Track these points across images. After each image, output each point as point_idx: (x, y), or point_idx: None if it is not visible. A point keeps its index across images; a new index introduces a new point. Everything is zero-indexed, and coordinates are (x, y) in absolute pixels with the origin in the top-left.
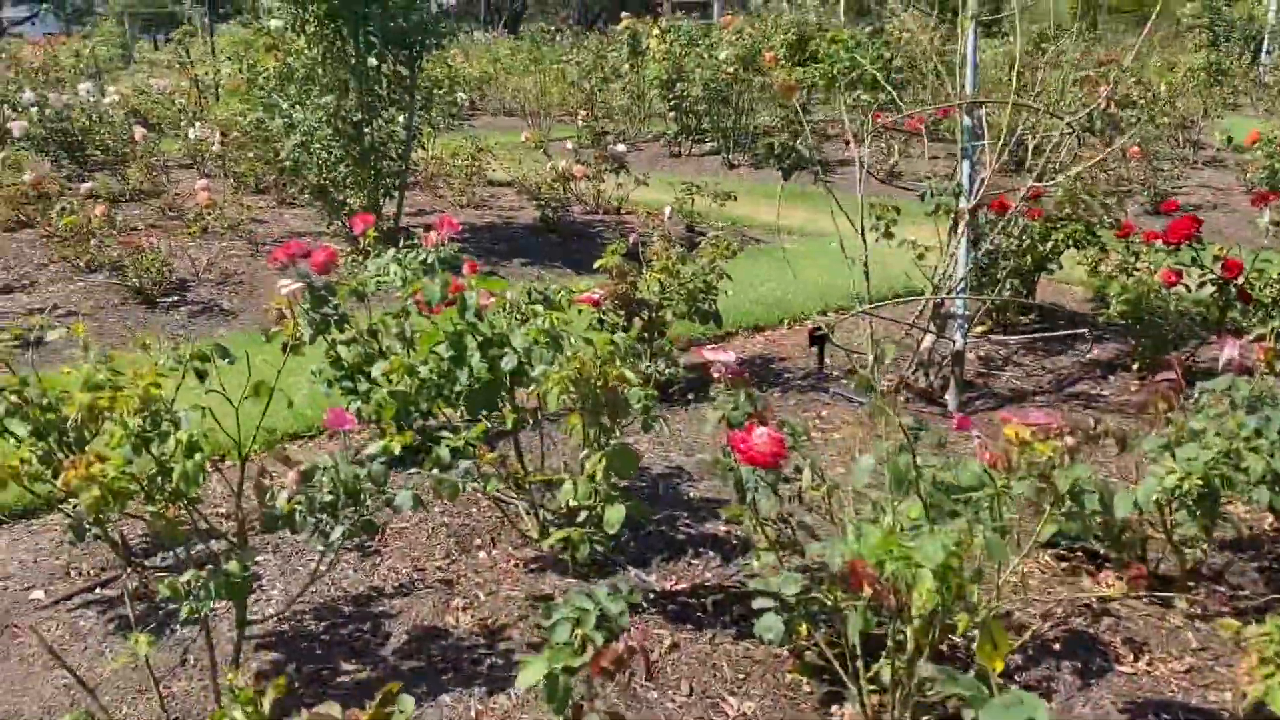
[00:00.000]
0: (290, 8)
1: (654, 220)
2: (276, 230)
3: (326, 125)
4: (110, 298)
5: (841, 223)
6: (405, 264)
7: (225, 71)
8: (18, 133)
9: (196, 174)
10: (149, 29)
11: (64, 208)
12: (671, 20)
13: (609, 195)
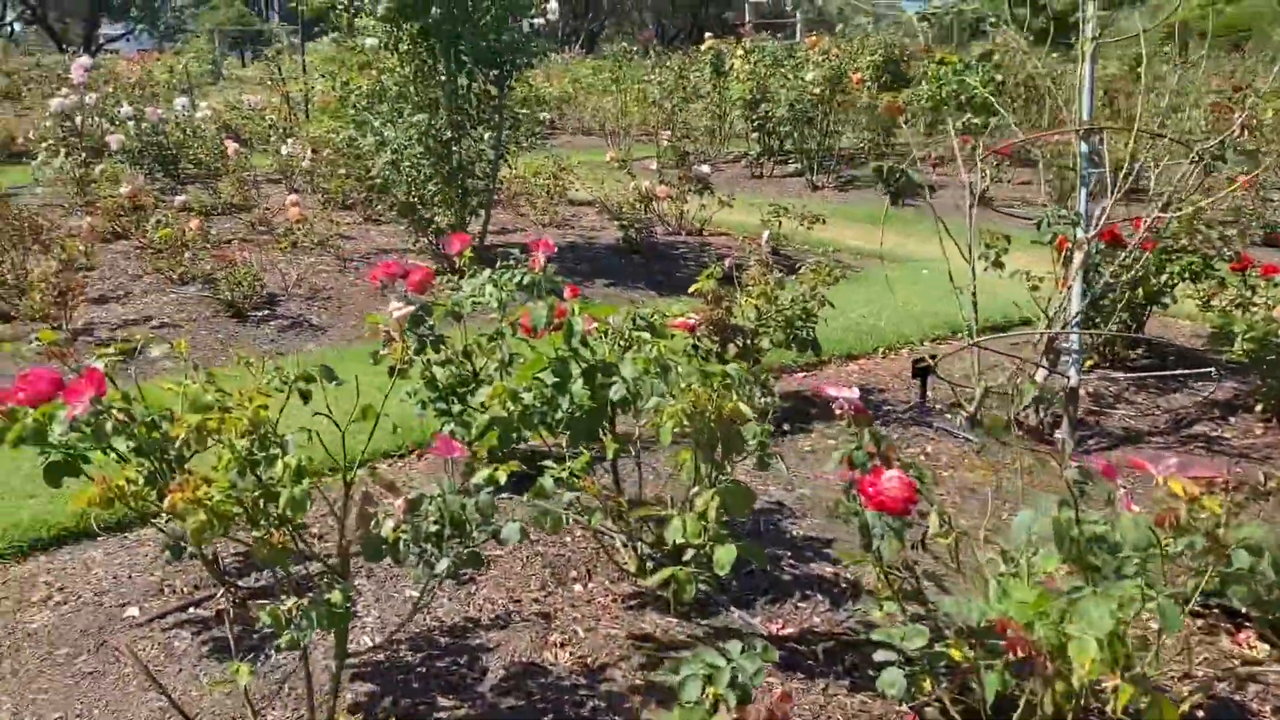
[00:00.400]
0: (385, 26)
1: (749, 244)
2: (363, 246)
3: (417, 144)
4: (202, 310)
5: (937, 249)
6: (501, 285)
7: (318, 88)
8: (115, 146)
9: (285, 189)
10: (237, 46)
11: (159, 220)
12: (756, 40)
13: (692, 216)
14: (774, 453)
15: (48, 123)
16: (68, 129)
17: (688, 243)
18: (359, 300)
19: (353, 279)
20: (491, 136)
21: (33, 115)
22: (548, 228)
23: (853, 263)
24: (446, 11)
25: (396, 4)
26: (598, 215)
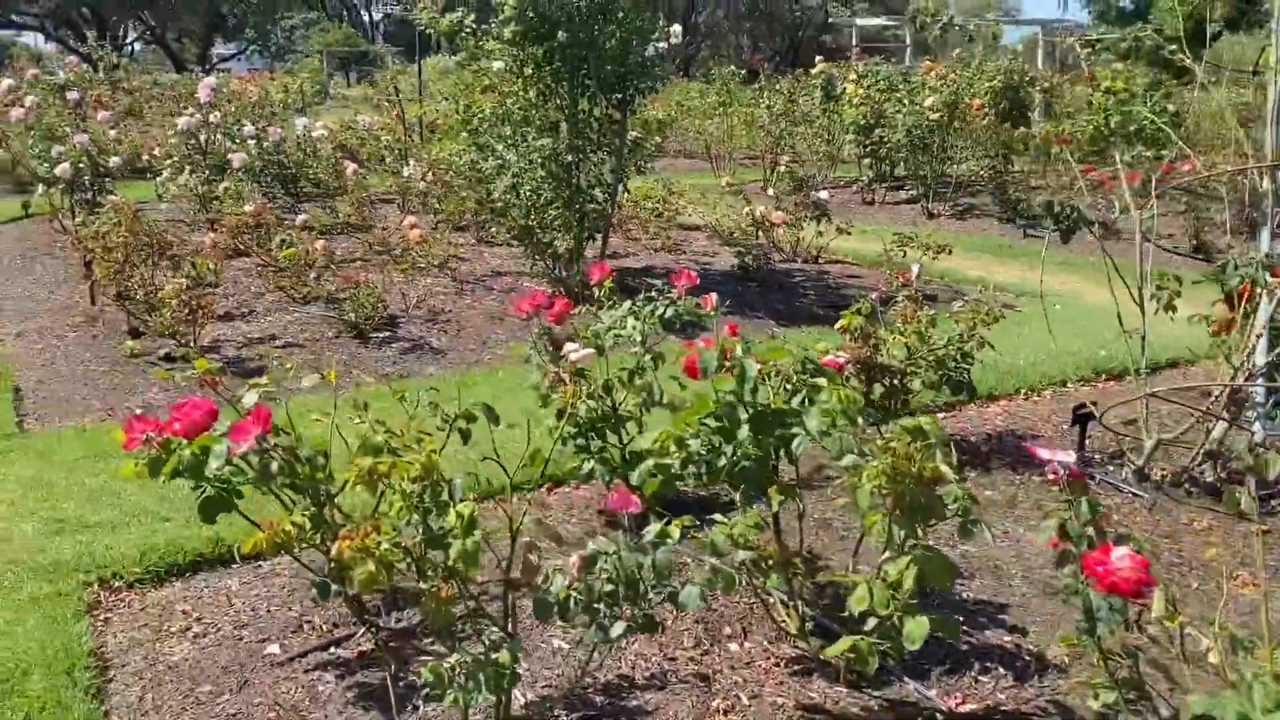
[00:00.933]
0: (510, 50)
1: (899, 277)
2: (478, 268)
3: (540, 168)
4: (325, 330)
5: (1066, 283)
6: (643, 317)
7: (441, 108)
8: (237, 164)
9: (397, 209)
10: (343, 66)
11: (284, 240)
12: (869, 65)
13: (808, 243)
14: (978, 520)
15: (173, 140)
16: (192, 146)
17: (805, 270)
18: (477, 323)
19: (470, 301)
20: (613, 161)
21: (153, 131)
22: (659, 252)
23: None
24: (573, 36)
25: (524, 27)
26: (708, 240)
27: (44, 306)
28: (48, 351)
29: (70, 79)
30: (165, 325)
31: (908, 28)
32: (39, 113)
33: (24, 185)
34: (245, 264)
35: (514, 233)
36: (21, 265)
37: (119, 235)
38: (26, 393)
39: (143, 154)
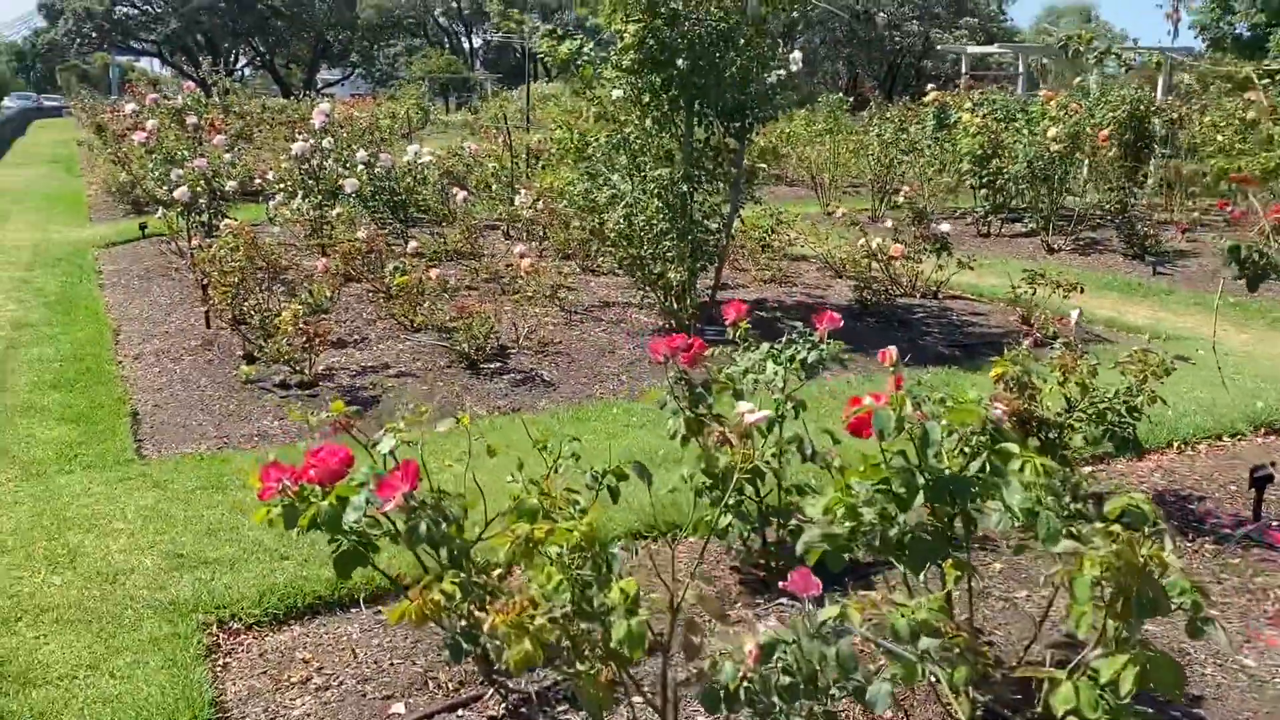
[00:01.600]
0: (628, 78)
1: (1057, 323)
2: (585, 298)
3: (656, 198)
4: (437, 360)
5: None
6: (783, 361)
7: (556, 136)
8: (349, 190)
9: (502, 235)
10: (444, 92)
11: (397, 267)
12: (985, 93)
13: (927, 277)
14: (1209, 618)
15: (285, 164)
16: (305, 171)
17: (925, 306)
18: (587, 356)
19: (579, 333)
20: (729, 191)
21: (264, 154)
22: (769, 283)
23: (1109, 336)
24: (693, 64)
25: (643, 55)
26: (819, 271)
27: (160, 329)
28: (164, 375)
29: (188, 103)
30: (281, 352)
31: (1057, 57)
32: (159, 137)
33: (141, 206)
34: (356, 290)
35: (625, 263)
36: (140, 286)
37: (236, 260)
38: (144, 417)
39: (255, 177)
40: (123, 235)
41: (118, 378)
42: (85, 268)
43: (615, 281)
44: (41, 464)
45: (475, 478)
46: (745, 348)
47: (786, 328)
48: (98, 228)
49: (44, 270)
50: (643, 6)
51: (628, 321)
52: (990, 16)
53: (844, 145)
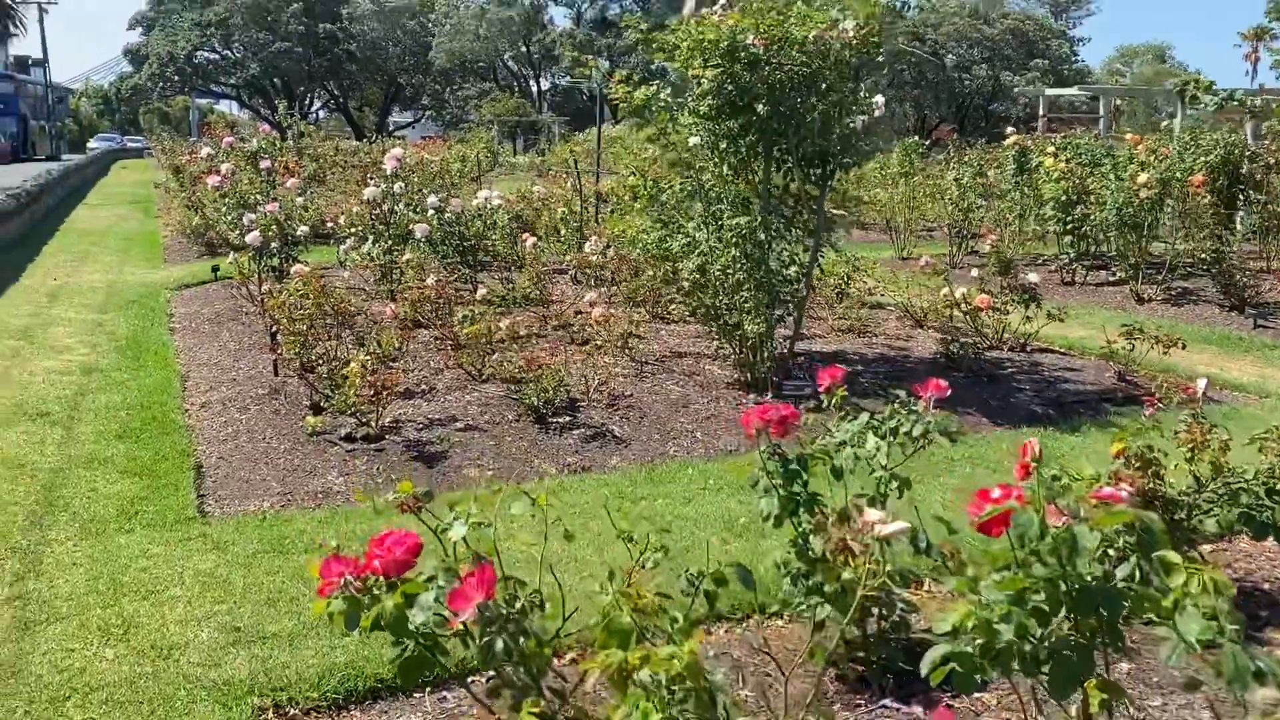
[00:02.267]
0: (706, 124)
1: (1183, 390)
2: (656, 347)
3: (734, 247)
4: (504, 413)
5: None
6: (885, 433)
7: (629, 183)
8: (419, 235)
9: (571, 280)
10: (511, 134)
11: (466, 315)
12: (1069, 137)
13: (1015, 329)
14: None
15: (355, 209)
16: (376, 215)
17: (1014, 360)
18: (659, 410)
19: (650, 385)
20: (810, 239)
21: (335, 197)
22: (846, 334)
23: (1213, 395)
24: (774, 109)
25: (721, 101)
26: (899, 321)
27: (228, 375)
28: (230, 425)
29: (262, 146)
30: (348, 404)
31: (1171, 100)
32: (233, 181)
33: (214, 248)
34: (424, 336)
35: (700, 314)
36: (210, 330)
37: (305, 308)
38: (207, 470)
39: (327, 220)
40: (195, 277)
41: (183, 427)
42: (157, 310)
43: (686, 330)
44: (102, 521)
45: (555, 572)
46: (842, 417)
47: (888, 395)
48: (171, 269)
49: (117, 313)
50: (721, 51)
51: (701, 374)
52: (1062, 58)
53: (920, 189)
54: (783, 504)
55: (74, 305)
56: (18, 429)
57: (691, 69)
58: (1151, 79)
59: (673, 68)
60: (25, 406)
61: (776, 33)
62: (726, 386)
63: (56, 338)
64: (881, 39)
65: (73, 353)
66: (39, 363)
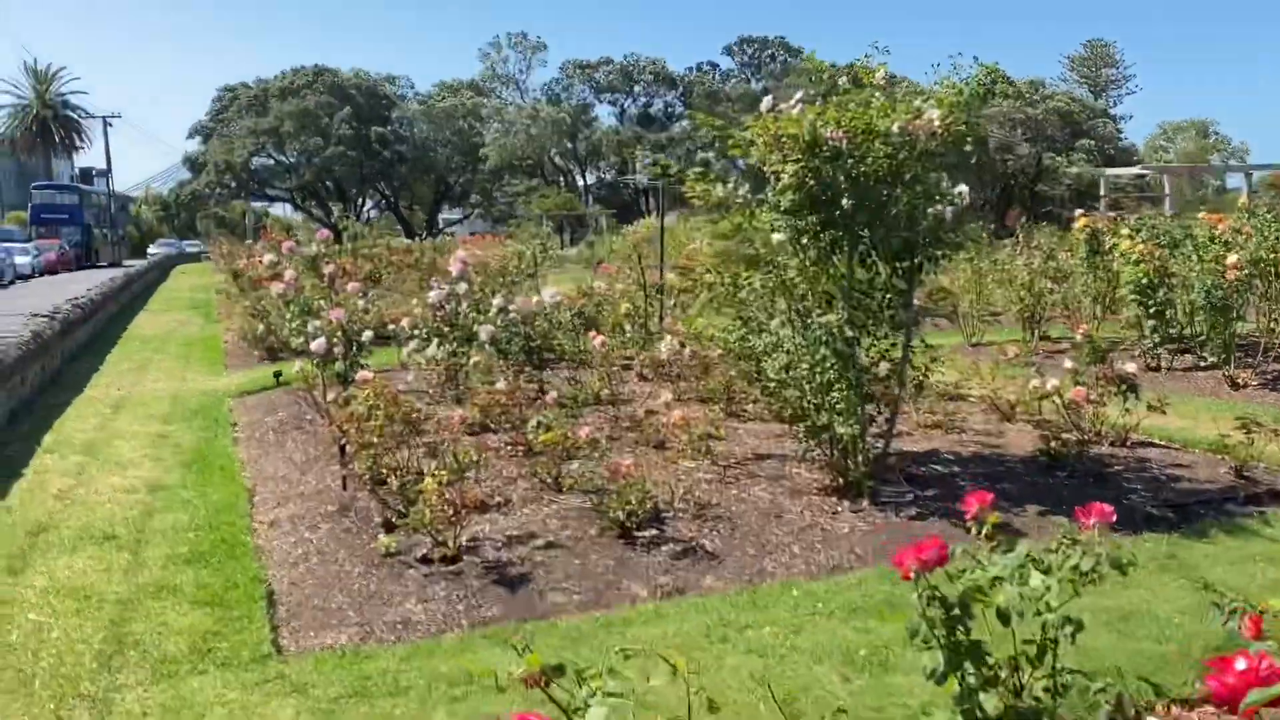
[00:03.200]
0: (787, 219)
1: None
2: (736, 449)
3: (823, 345)
4: (586, 527)
5: None
6: (1052, 568)
7: (705, 280)
8: (484, 336)
9: (635, 376)
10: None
11: (540, 422)
12: (1143, 217)
13: (1113, 422)
14: None
15: (418, 310)
16: (440, 318)
17: (1118, 456)
18: (751, 521)
19: (737, 491)
20: (900, 335)
21: (393, 297)
22: (932, 430)
23: None
24: (858, 202)
25: (804, 196)
26: (984, 414)
27: (296, 490)
28: (300, 546)
29: (321, 251)
30: (423, 522)
31: (1220, 175)
32: (297, 286)
33: (274, 352)
34: (493, 441)
35: (787, 415)
36: (275, 440)
37: (375, 419)
38: (280, 597)
39: (388, 323)
40: (257, 384)
41: (253, 549)
42: (220, 420)
43: (765, 429)
44: (174, 662)
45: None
46: (993, 547)
47: (931, 478)
48: (233, 376)
49: (181, 424)
50: (802, 146)
51: (788, 477)
52: (1107, 137)
53: (987, 274)
54: (949, 659)
55: (138, 416)
56: (85, 554)
57: (769, 164)
58: (1196, 155)
59: (748, 163)
60: (92, 529)
61: (859, 125)
62: (818, 492)
63: (121, 452)
64: (968, 128)
65: (138, 468)
66: (105, 480)
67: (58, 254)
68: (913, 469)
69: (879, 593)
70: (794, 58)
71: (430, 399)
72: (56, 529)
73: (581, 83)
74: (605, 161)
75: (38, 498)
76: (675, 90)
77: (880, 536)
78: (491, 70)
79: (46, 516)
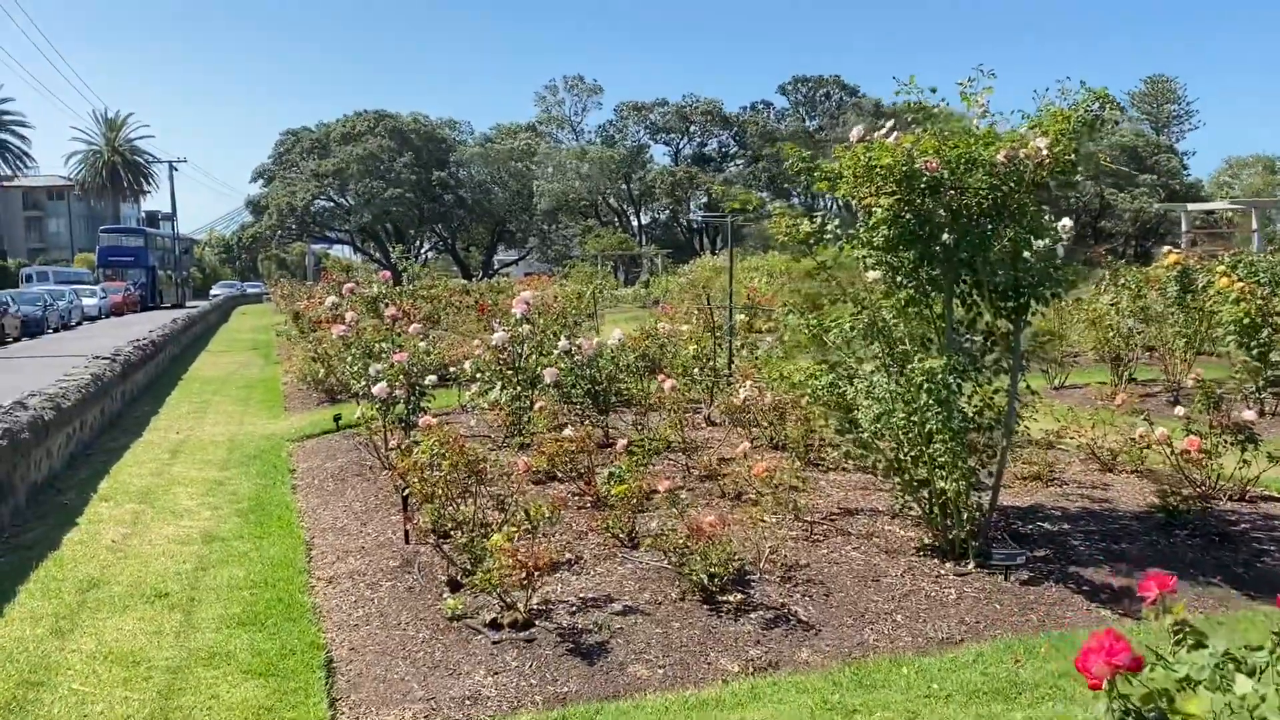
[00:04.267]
0: (880, 255)
1: None
2: (820, 501)
3: (925, 393)
4: (666, 589)
5: None
6: (1259, 668)
7: (789, 321)
8: (549, 379)
9: (704, 421)
10: (614, 268)
11: (613, 473)
12: (1239, 254)
13: (1229, 474)
14: None
15: (478, 351)
16: (503, 360)
17: (1240, 513)
18: (846, 585)
19: (826, 550)
20: (1006, 381)
21: (451, 338)
22: (1030, 481)
23: None
24: (960, 238)
25: (901, 230)
26: (1082, 465)
27: (356, 543)
28: (361, 607)
29: (382, 292)
30: (492, 583)
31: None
32: (358, 328)
33: (334, 395)
34: (560, 490)
35: (881, 468)
36: (334, 488)
37: (440, 467)
38: (339, 665)
39: (448, 364)
40: (316, 427)
41: (310, 609)
42: (279, 467)
43: (848, 479)
44: None
45: None
46: (1178, 640)
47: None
48: (292, 418)
49: (238, 469)
50: (897, 178)
51: (880, 535)
52: (1171, 172)
53: (1069, 314)
54: None
55: (195, 461)
56: (135, 614)
57: (860, 197)
58: (1263, 189)
59: (836, 196)
60: (143, 585)
61: (961, 154)
62: (915, 552)
63: (177, 499)
64: (1078, 156)
65: (194, 517)
66: (159, 529)
67: (123, 295)
68: (1017, 526)
69: (1000, 672)
70: (849, 96)
71: (492, 443)
72: (108, 584)
73: (636, 124)
74: (658, 202)
75: (90, 549)
76: (730, 130)
77: (993, 604)
78: (547, 113)
79: (98, 570)
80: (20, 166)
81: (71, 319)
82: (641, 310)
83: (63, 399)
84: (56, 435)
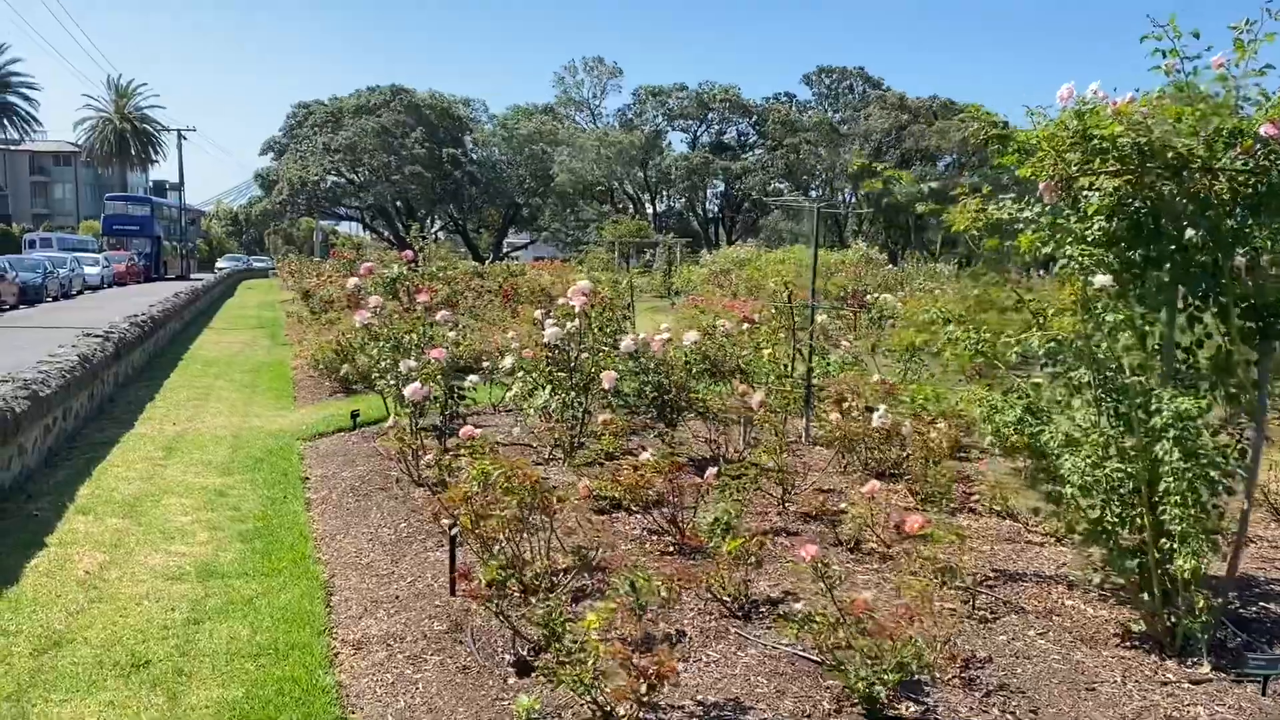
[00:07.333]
0: (1094, 252)
1: None
2: (970, 560)
3: (1169, 440)
4: (808, 690)
5: None
6: None
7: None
8: (608, 384)
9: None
10: (625, 256)
11: (718, 520)
12: None
13: None
14: None
15: (514, 345)
16: (553, 360)
17: None
18: (1055, 697)
19: (1007, 638)
20: (1246, 420)
21: (471, 323)
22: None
23: None
24: (1210, 234)
25: (1128, 222)
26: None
27: (387, 589)
28: (401, 694)
29: (403, 273)
30: (581, 682)
31: None
32: (383, 315)
33: (348, 385)
34: (628, 524)
35: (1080, 531)
36: (355, 505)
37: (501, 501)
38: None
39: (480, 355)
40: (330, 424)
41: (335, 697)
42: (290, 475)
43: (983, 525)
44: None
45: None
46: None
47: None
48: (302, 411)
49: (242, 475)
50: (1123, 153)
51: (1061, 613)
52: None
53: None
54: None
55: (193, 463)
56: (103, 696)
57: (1060, 175)
58: None
59: (1023, 174)
60: (118, 646)
61: (1218, 124)
62: (1120, 641)
63: (169, 515)
64: None
65: (188, 540)
66: (145, 558)
67: (127, 265)
68: (1235, 606)
69: None
70: (873, 88)
71: (535, 454)
72: (72, 643)
73: (654, 109)
74: (674, 188)
75: (57, 585)
76: (749, 118)
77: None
78: (565, 94)
79: (64, 620)
80: (27, 130)
81: (72, 288)
82: (659, 300)
83: (41, 385)
84: (31, 429)
